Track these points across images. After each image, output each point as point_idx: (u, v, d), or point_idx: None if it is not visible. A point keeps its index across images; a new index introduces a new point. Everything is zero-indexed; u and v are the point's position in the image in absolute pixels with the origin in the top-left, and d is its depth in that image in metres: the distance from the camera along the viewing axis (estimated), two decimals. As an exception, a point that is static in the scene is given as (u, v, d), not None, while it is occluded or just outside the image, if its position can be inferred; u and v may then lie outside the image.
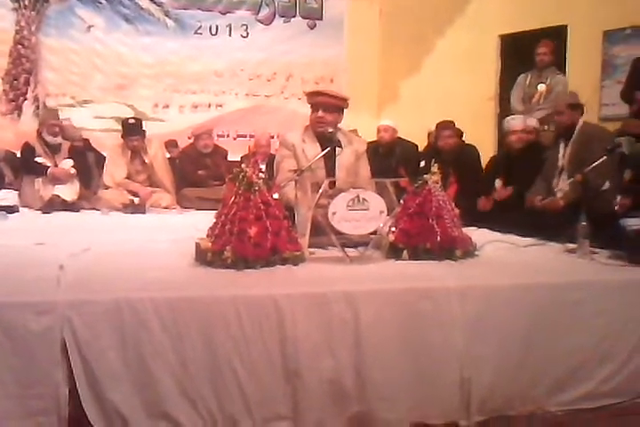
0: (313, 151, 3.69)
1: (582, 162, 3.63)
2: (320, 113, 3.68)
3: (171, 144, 7.23)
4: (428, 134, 6.57)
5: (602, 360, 2.72)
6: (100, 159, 6.47)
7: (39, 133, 6.05)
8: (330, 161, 3.71)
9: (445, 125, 5.45)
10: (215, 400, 2.33)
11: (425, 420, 2.52)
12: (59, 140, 6.09)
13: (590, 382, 2.70)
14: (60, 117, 6.56)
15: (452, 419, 2.54)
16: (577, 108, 4.40)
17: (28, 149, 5.99)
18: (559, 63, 6.16)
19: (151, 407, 2.29)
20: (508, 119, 5.35)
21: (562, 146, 4.42)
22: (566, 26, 6.34)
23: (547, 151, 4.69)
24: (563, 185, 4.23)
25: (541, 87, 6.08)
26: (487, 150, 5.18)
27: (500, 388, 2.59)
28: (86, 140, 6.72)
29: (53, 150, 6.02)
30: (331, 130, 3.64)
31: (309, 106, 3.80)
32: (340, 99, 3.78)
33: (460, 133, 5.65)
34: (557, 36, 6.30)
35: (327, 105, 3.71)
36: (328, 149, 3.55)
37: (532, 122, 5.60)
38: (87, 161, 6.43)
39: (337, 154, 3.69)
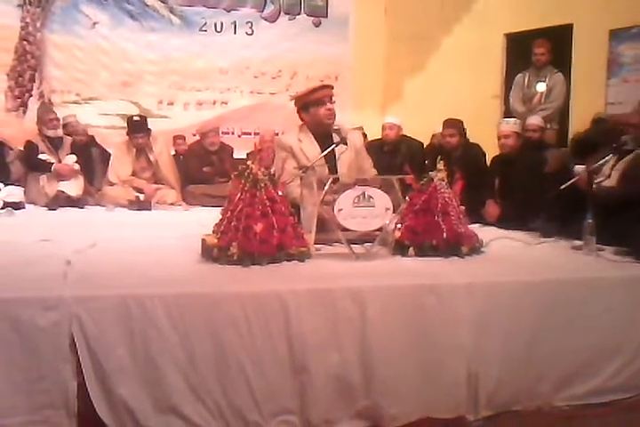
0: (312, 149, 3.69)
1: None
2: (329, 105, 3.69)
3: (179, 137, 7.23)
4: (432, 135, 6.55)
5: (609, 356, 2.73)
6: (105, 155, 6.48)
7: (40, 130, 6.08)
8: (331, 158, 3.71)
9: (449, 124, 5.43)
10: (223, 395, 2.34)
11: (432, 414, 2.52)
12: (60, 132, 6.13)
13: (597, 378, 2.71)
14: (66, 114, 6.60)
15: (460, 413, 2.55)
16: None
17: (30, 147, 6.02)
18: (558, 62, 6.16)
19: (159, 402, 2.30)
20: (498, 123, 5.21)
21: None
22: (572, 25, 6.31)
23: (548, 151, 4.57)
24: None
25: (541, 87, 6.06)
26: (492, 149, 5.13)
27: (508, 383, 2.60)
28: (91, 137, 6.74)
29: (56, 146, 6.05)
30: (336, 127, 3.65)
31: (309, 103, 3.73)
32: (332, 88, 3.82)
33: (463, 132, 5.61)
34: (563, 34, 6.29)
35: (331, 96, 3.74)
36: (334, 145, 3.56)
37: (537, 120, 5.58)
38: (91, 156, 6.44)
39: (338, 151, 3.68)
